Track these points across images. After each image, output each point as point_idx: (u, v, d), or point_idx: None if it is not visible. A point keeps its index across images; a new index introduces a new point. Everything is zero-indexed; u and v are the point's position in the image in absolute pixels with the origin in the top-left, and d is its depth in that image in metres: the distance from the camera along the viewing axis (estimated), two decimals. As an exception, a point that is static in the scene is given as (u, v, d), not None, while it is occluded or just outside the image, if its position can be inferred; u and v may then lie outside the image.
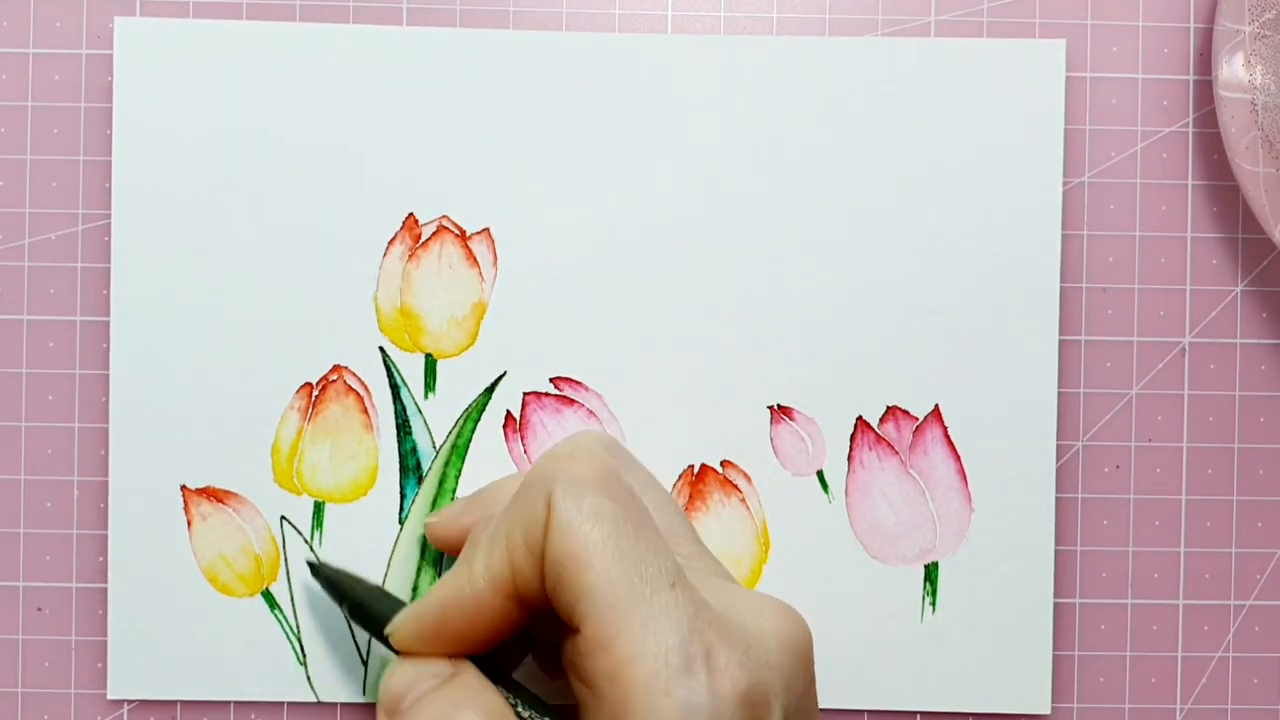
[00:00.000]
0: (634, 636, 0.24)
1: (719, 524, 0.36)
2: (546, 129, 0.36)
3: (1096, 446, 0.36)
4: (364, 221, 0.36)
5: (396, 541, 0.36)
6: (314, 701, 0.36)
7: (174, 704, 0.36)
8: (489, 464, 0.36)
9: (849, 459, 0.36)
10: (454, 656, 0.28)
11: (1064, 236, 0.36)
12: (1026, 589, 0.36)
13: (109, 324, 0.36)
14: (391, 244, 0.36)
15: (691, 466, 0.36)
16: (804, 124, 0.36)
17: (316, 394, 0.36)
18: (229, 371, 0.35)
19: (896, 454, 0.36)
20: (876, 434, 0.36)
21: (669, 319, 0.36)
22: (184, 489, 0.35)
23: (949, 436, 0.36)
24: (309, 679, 0.36)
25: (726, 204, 0.36)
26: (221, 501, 0.35)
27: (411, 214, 0.36)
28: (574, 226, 0.36)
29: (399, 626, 0.29)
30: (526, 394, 0.36)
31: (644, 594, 0.24)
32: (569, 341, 0.36)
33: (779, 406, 0.36)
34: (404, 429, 0.36)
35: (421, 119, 0.36)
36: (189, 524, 0.35)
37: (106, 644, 0.36)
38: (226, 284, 0.36)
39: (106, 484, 0.36)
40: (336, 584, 0.33)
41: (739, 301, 0.36)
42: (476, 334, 0.36)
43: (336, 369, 0.36)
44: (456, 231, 0.36)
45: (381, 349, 0.36)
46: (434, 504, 0.36)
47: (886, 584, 0.36)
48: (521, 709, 0.27)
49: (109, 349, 0.36)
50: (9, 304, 0.36)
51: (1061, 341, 0.36)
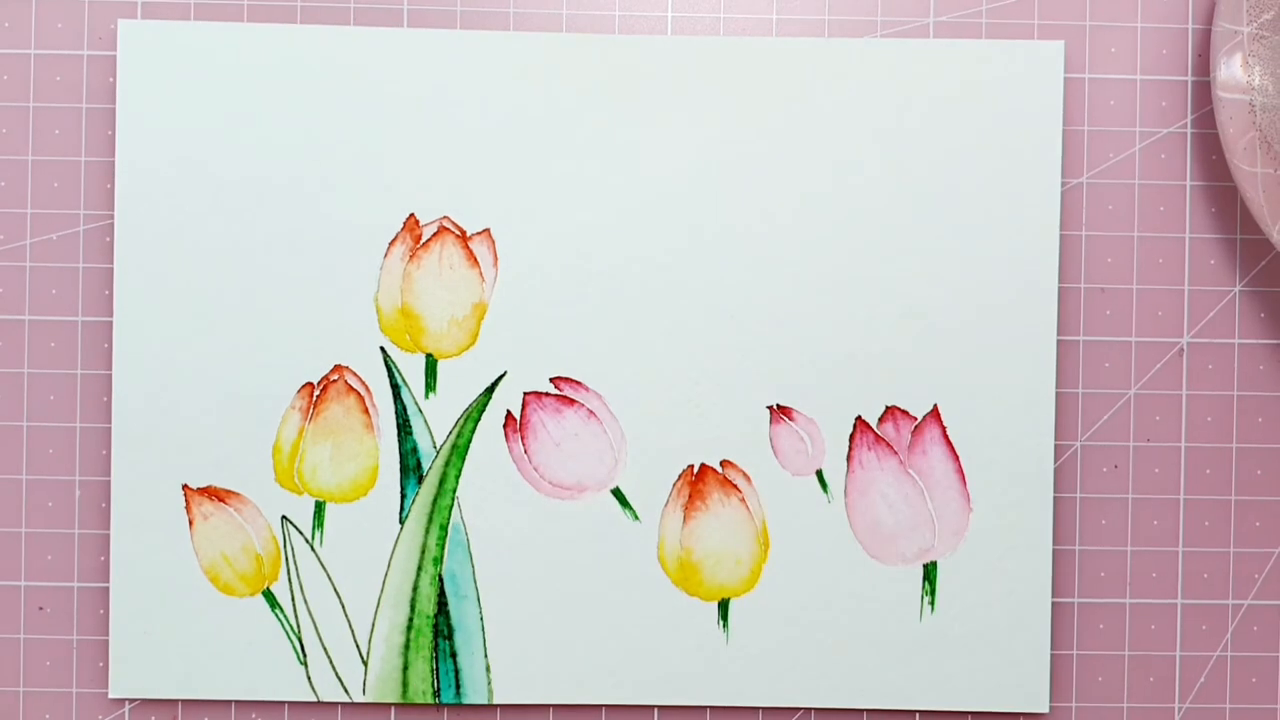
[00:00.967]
0: None
1: (719, 523, 0.36)
2: (547, 130, 0.36)
3: (1095, 446, 0.37)
4: (365, 222, 0.36)
5: (397, 541, 0.36)
6: (314, 701, 0.36)
7: (175, 703, 0.36)
8: (489, 464, 0.36)
9: (848, 459, 0.36)
10: None
11: (1062, 237, 0.36)
12: (1025, 588, 0.36)
13: (111, 324, 0.36)
14: (392, 245, 0.36)
15: (691, 466, 0.36)
16: (804, 124, 0.36)
17: (317, 394, 0.36)
18: (230, 372, 0.36)
19: (895, 454, 0.36)
20: (875, 434, 0.36)
21: (669, 319, 0.36)
22: (185, 489, 0.36)
23: (947, 436, 0.36)
24: (309, 678, 0.36)
25: (726, 204, 0.36)
26: (223, 501, 0.36)
27: (412, 215, 0.36)
28: (574, 226, 0.36)
29: None
30: (526, 394, 0.36)
31: None
32: (569, 341, 0.36)
33: (778, 407, 0.36)
34: (404, 429, 0.36)
35: (422, 120, 0.36)
36: (190, 524, 0.36)
37: (108, 643, 0.36)
38: (228, 285, 0.36)
39: (108, 484, 0.36)
40: None
41: (739, 302, 0.36)
42: (477, 334, 0.36)
43: (337, 369, 0.36)
44: (457, 232, 0.36)
45: (382, 349, 0.36)
46: (434, 504, 0.36)
47: (885, 583, 0.36)
48: None
49: (111, 349, 0.36)
50: (11, 304, 0.36)
51: (1060, 341, 0.36)
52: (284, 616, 0.36)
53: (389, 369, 0.36)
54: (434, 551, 0.36)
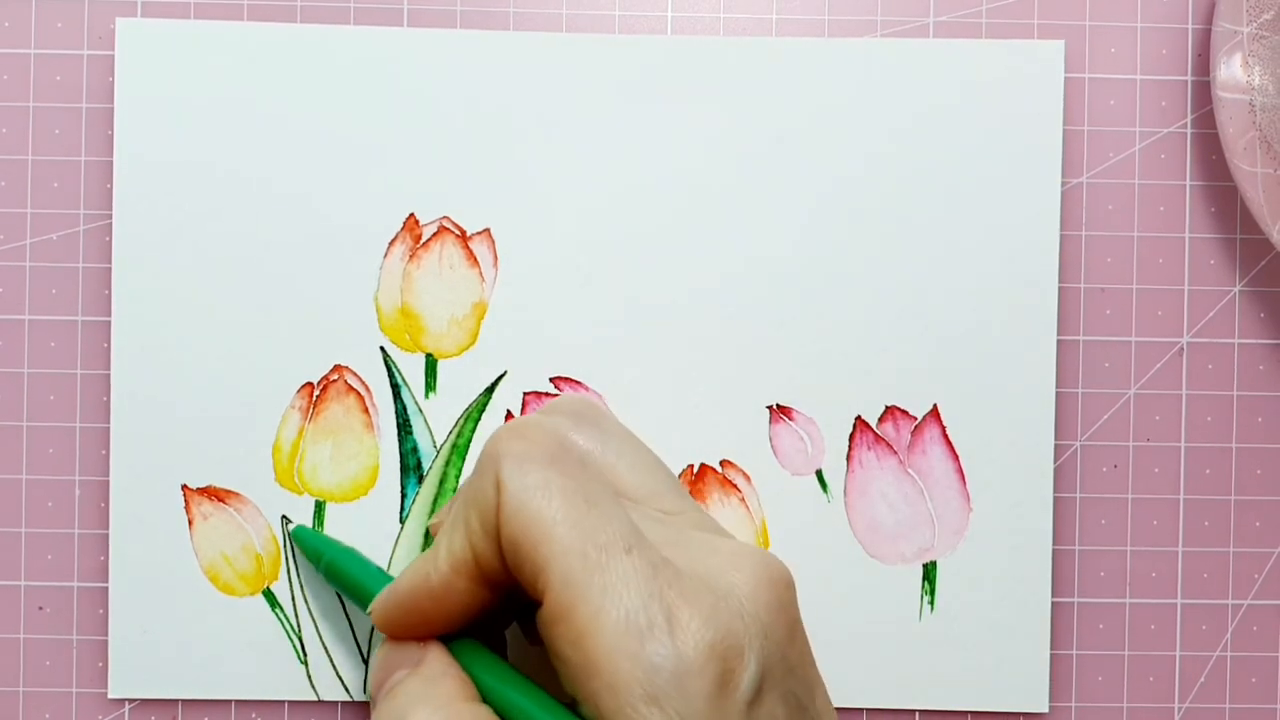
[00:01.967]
0: (592, 605, 0.24)
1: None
2: (546, 129, 0.36)
3: (1094, 446, 0.37)
4: (365, 222, 0.36)
5: (397, 541, 0.36)
6: (315, 700, 0.36)
7: (175, 703, 0.36)
8: (489, 464, 0.36)
9: (848, 458, 0.36)
10: (429, 638, 0.28)
11: (1062, 237, 0.36)
12: (1025, 588, 0.36)
13: (110, 324, 0.36)
14: (392, 244, 0.36)
15: (691, 466, 0.36)
16: (803, 124, 0.36)
17: (317, 394, 0.36)
18: (230, 371, 0.36)
19: (895, 453, 0.36)
20: (875, 434, 0.36)
21: (669, 319, 0.36)
22: (185, 488, 0.36)
23: (947, 436, 0.36)
24: (310, 678, 0.36)
25: (726, 204, 0.36)
26: (222, 501, 0.36)
27: (412, 214, 0.36)
28: (574, 226, 0.36)
29: (375, 609, 0.29)
30: (526, 394, 0.36)
31: (599, 561, 0.25)
32: (569, 341, 0.36)
33: (778, 406, 0.36)
34: (405, 428, 0.36)
35: (422, 120, 0.36)
36: (190, 523, 0.36)
37: (107, 643, 0.36)
38: (227, 284, 0.36)
39: (108, 483, 0.36)
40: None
41: (739, 301, 0.36)
42: (477, 334, 0.36)
43: (337, 369, 0.36)
44: (457, 232, 0.36)
45: (382, 349, 0.36)
46: (434, 504, 0.36)
47: (885, 583, 0.36)
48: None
49: (110, 349, 0.36)
50: (10, 304, 0.36)
51: (1060, 341, 0.36)
52: (284, 616, 0.36)
53: (389, 369, 0.36)
54: (434, 551, 0.36)
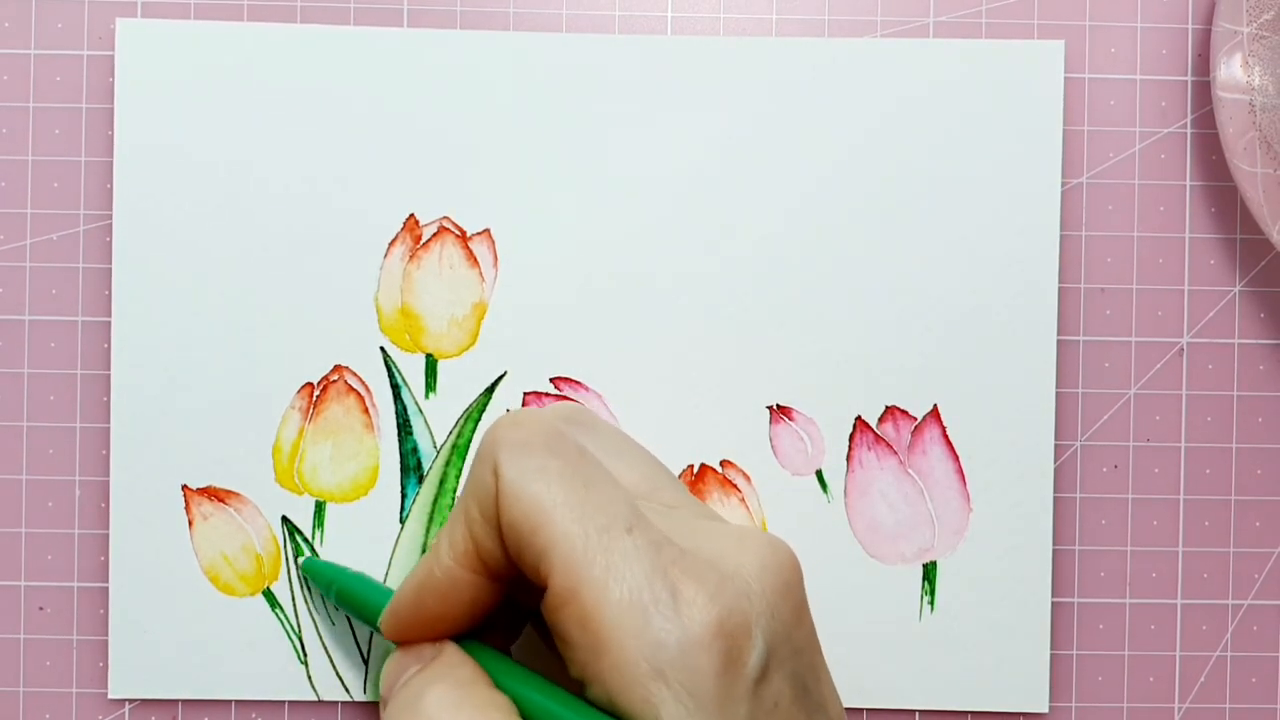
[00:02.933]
0: (595, 585, 0.24)
1: (718, 523, 0.36)
2: (546, 129, 0.36)
3: (1095, 446, 0.37)
4: (365, 222, 0.36)
5: (397, 541, 0.36)
6: (315, 700, 0.36)
7: (175, 703, 0.36)
8: (489, 464, 0.36)
9: (848, 459, 0.36)
10: (440, 639, 0.28)
11: (1062, 237, 0.36)
12: (1025, 588, 0.36)
13: (110, 324, 0.36)
14: (392, 244, 0.36)
15: (691, 466, 0.36)
16: (803, 125, 0.36)
17: (317, 394, 0.36)
18: (230, 371, 0.36)
19: (895, 454, 0.36)
20: (875, 434, 0.36)
21: (669, 319, 0.36)
22: (185, 489, 0.36)
23: (947, 436, 0.36)
24: (310, 678, 0.36)
25: (726, 204, 0.36)
26: (223, 501, 0.36)
27: (412, 215, 0.36)
28: (574, 226, 0.36)
29: (384, 617, 0.29)
30: (527, 394, 0.36)
31: (601, 542, 0.25)
32: (569, 341, 0.36)
33: (778, 406, 0.36)
34: (405, 429, 0.36)
35: (422, 120, 0.36)
36: (190, 523, 0.36)
37: (108, 643, 0.36)
38: (227, 284, 0.36)
39: (108, 484, 0.36)
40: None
41: (738, 301, 0.36)
42: (477, 334, 0.36)
43: (337, 369, 0.36)
44: (457, 232, 0.36)
45: (382, 349, 0.36)
46: (434, 504, 0.36)
47: (885, 583, 0.36)
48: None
49: (110, 349, 0.36)
50: (10, 304, 0.36)
51: (1060, 341, 0.36)
52: (284, 616, 0.36)
53: (389, 369, 0.36)
54: (434, 551, 0.36)
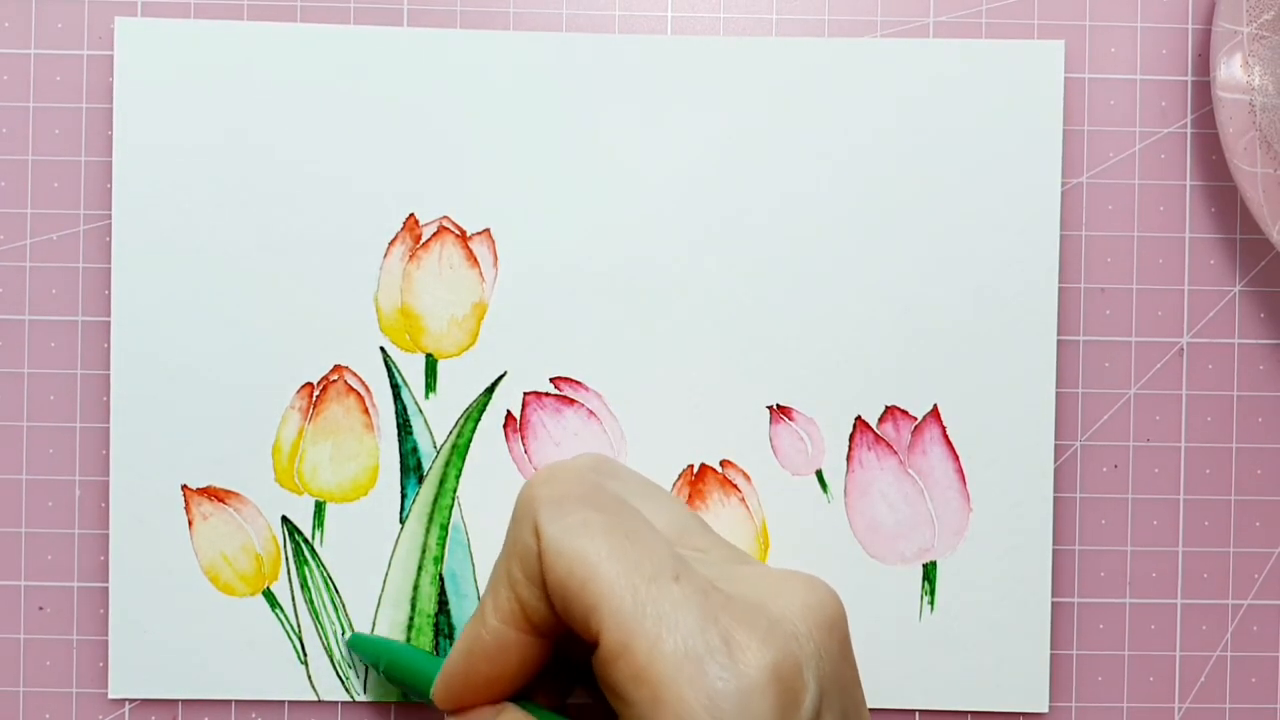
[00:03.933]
0: (648, 637, 0.24)
1: (718, 523, 0.36)
2: (546, 129, 0.36)
3: (1095, 446, 0.37)
4: (365, 222, 0.36)
5: (397, 541, 0.36)
6: (315, 700, 0.36)
7: (175, 703, 0.36)
8: (489, 464, 0.36)
9: (848, 459, 0.36)
10: (494, 702, 0.28)
11: (1062, 237, 0.36)
12: (1025, 588, 0.36)
13: (110, 324, 0.36)
14: (392, 244, 0.36)
15: (691, 466, 0.36)
16: (803, 125, 0.36)
17: (317, 394, 0.36)
18: (230, 371, 0.36)
19: (895, 454, 0.36)
20: (875, 434, 0.36)
21: (669, 319, 0.36)
22: (185, 489, 0.36)
23: (947, 436, 0.36)
24: (310, 678, 0.36)
25: (726, 204, 0.36)
26: (222, 501, 0.36)
27: (412, 214, 0.36)
28: (574, 226, 0.36)
29: (436, 690, 0.29)
30: (527, 394, 0.36)
31: (650, 593, 0.24)
32: (569, 341, 0.36)
33: (778, 406, 0.36)
34: (405, 429, 0.36)
35: (422, 120, 0.36)
36: (190, 523, 0.36)
37: (108, 643, 0.36)
38: (227, 284, 0.36)
39: (107, 484, 0.36)
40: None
41: (738, 301, 0.36)
42: (477, 334, 0.36)
43: (337, 369, 0.36)
44: (457, 232, 0.36)
45: (382, 349, 0.36)
46: (434, 504, 0.36)
47: (885, 583, 0.36)
48: None
49: (110, 349, 0.36)
50: (10, 304, 0.36)
51: (1060, 341, 0.36)
52: (284, 616, 0.36)
53: (389, 369, 0.36)
54: (434, 551, 0.36)
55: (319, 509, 0.36)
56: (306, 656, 0.36)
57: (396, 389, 0.36)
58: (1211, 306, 0.37)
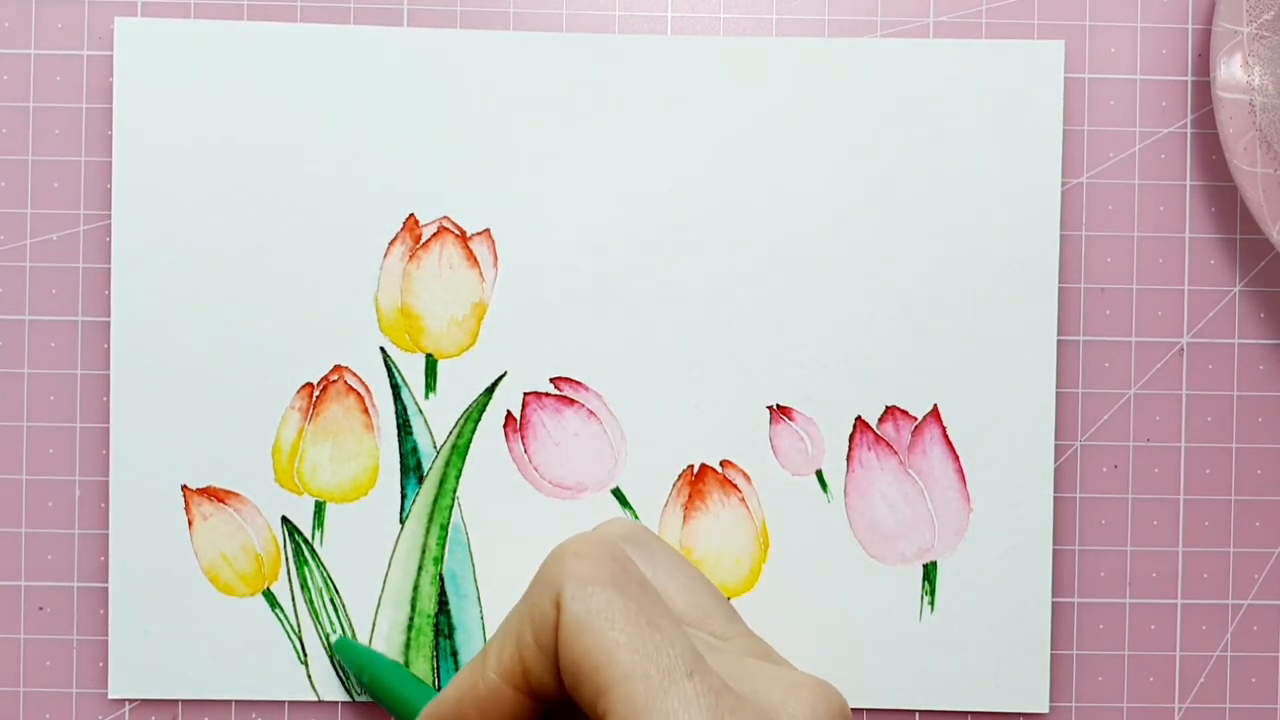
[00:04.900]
0: None
1: (718, 523, 0.36)
2: (546, 129, 0.36)
3: (1095, 446, 0.37)
4: (365, 222, 0.36)
5: (397, 541, 0.36)
6: (315, 700, 0.36)
7: (175, 703, 0.36)
8: (489, 464, 0.36)
9: (848, 459, 0.36)
10: None
11: (1062, 237, 0.36)
12: (1025, 588, 0.36)
13: (110, 324, 0.36)
14: (392, 244, 0.36)
15: (691, 466, 0.36)
16: (803, 125, 0.36)
17: (317, 394, 0.36)
18: (230, 371, 0.36)
19: (895, 454, 0.36)
20: (875, 434, 0.36)
21: (669, 319, 0.36)
22: (185, 489, 0.36)
23: (947, 436, 0.36)
24: (310, 678, 0.36)
25: (726, 204, 0.36)
26: (222, 501, 0.36)
27: (412, 214, 0.36)
28: (574, 226, 0.36)
29: None
30: (527, 394, 0.36)
31: (662, 686, 0.25)
32: (569, 341, 0.36)
33: (778, 406, 0.36)
34: (404, 429, 0.36)
35: (422, 120, 0.36)
36: (190, 524, 0.36)
37: (108, 643, 0.36)
38: (227, 284, 0.36)
39: (107, 484, 0.36)
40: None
41: (739, 302, 0.36)
42: (477, 334, 0.36)
43: (337, 369, 0.36)
44: (457, 232, 0.36)
45: (382, 349, 0.36)
46: (434, 504, 0.36)
47: (885, 583, 0.36)
48: None
49: (110, 349, 0.36)
50: (10, 304, 0.36)
51: (1060, 341, 0.36)
52: (284, 616, 0.36)
53: (389, 369, 0.36)
54: (434, 551, 0.36)
55: (319, 509, 0.36)
56: (306, 656, 0.36)
57: (396, 389, 0.36)
58: (1211, 306, 0.37)
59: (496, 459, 0.36)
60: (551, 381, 0.36)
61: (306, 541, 0.36)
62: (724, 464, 0.36)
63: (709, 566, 0.36)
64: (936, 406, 0.36)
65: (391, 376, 0.36)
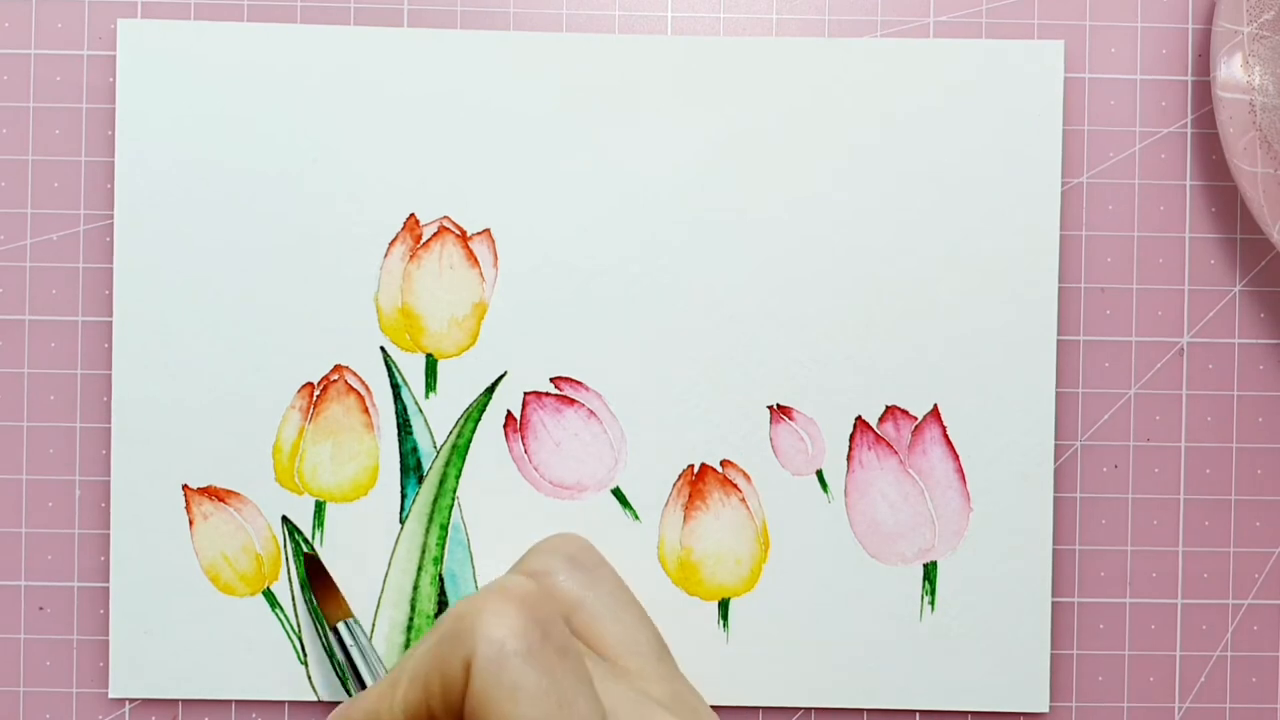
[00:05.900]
0: None
1: (719, 523, 0.36)
2: (547, 129, 0.36)
3: (1095, 446, 0.37)
4: (365, 222, 0.36)
5: (397, 541, 0.36)
6: (315, 700, 0.36)
7: (175, 703, 0.36)
8: (489, 464, 0.36)
9: (848, 459, 0.36)
10: None
11: (1062, 237, 0.36)
12: (1025, 588, 0.36)
13: (111, 324, 0.36)
14: (393, 244, 0.36)
15: (691, 466, 0.36)
16: (803, 125, 0.36)
17: (317, 394, 0.36)
18: (230, 371, 0.36)
19: (895, 454, 0.36)
20: (876, 434, 0.36)
21: (669, 319, 0.36)
22: (185, 488, 0.36)
23: (948, 436, 0.36)
24: (310, 678, 0.36)
25: (726, 204, 0.36)
26: (223, 501, 0.36)
27: (413, 214, 0.36)
28: (574, 226, 0.36)
29: (334, 717, 0.29)
30: (527, 394, 0.36)
31: None
32: (569, 341, 0.36)
33: (778, 406, 0.36)
34: (405, 429, 0.36)
35: (422, 120, 0.36)
36: (190, 523, 0.36)
37: (108, 643, 0.36)
38: (228, 284, 0.36)
39: (108, 484, 0.36)
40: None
41: (739, 301, 0.36)
42: (477, 334, 0.36)
43: (337, 369, 0.36)
44: (457, 232, 0.36)
45: (382, 349, 0.36)
46: (434, 504, 0.36)
47: (885, 583, 0.36)
48: None
49: (111, 349, 0.36)
50: (11, 304, 0.36)
51: (1060, 341, 0.36)
52: (284, 616, 0.36)
53: (389, 369, 0.36)
54: (434, 551, 0.36)
55: (319, 509, 0.36)
56: (306, 656, 0.36)
57: (397, 389, 0.36)
58: (1211, 306, 0.37)
59: (496, 459, 0.36)
60: (552, 381, 0.36)
61: (307, 541, 0.36)
62: (724, 464, 0.36)
63: (709, 566, 0.36)
64: (936, 406, 0.36)
65: (392, 376, 0.36)
